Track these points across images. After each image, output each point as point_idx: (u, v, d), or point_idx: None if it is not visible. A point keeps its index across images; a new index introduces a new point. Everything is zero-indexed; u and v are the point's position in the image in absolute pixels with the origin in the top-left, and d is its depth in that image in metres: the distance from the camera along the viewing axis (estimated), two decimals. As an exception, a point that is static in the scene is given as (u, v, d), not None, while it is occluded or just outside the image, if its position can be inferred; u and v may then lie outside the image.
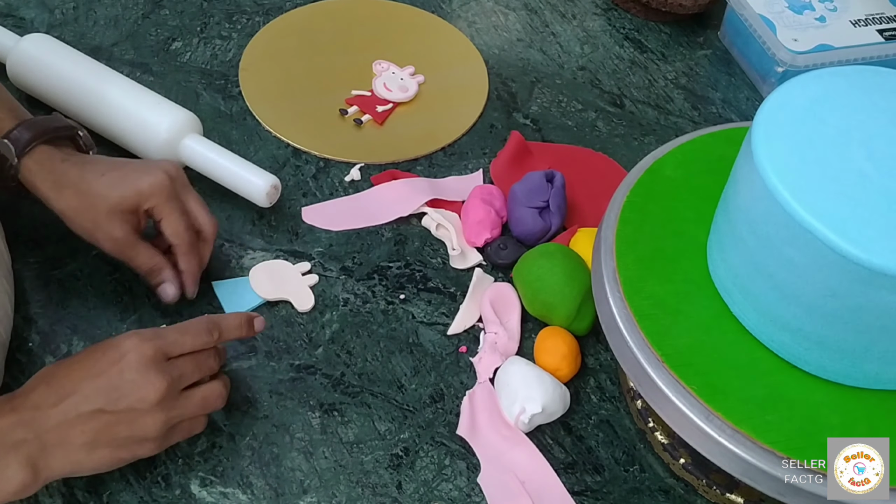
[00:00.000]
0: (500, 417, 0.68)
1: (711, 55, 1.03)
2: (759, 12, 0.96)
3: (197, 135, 0.81)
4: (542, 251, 0.75)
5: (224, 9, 1.00)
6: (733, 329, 0.62)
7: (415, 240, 0.80)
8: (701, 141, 0.73)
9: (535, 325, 0.75)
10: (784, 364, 0.61)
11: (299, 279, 0.75)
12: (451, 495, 0.65)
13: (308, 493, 0.64)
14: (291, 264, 0.76)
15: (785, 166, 0.55)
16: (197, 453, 0.65)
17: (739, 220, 0.59)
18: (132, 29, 0.96)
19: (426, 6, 1.03)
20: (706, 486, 0.66)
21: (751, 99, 0.98)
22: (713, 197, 0.66)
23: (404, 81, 0.93)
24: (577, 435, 0.69)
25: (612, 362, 0.74)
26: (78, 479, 0.63)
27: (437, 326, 0.74)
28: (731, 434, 0.57)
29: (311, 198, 0.82)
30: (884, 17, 0.98)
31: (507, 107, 0.94)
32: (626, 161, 0.88)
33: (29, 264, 0.74)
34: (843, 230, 0.52)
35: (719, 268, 0.64)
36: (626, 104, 0.95)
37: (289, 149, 0.86)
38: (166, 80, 0.90)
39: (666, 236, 0.67)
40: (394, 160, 0.87)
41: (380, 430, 0.68)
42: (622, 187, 0.70)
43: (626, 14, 1.06)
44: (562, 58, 1.00)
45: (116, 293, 0.73)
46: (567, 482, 0.66)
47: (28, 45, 0.84)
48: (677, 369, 0.59)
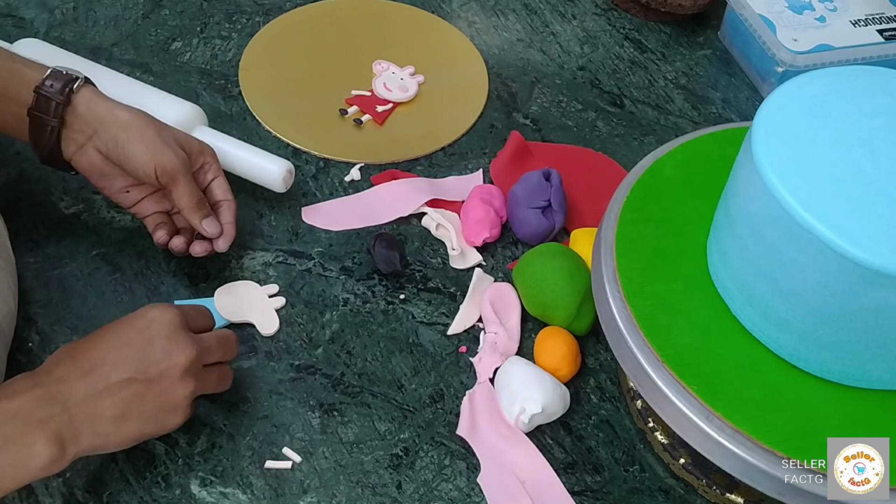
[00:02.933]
0: (500, 417, 0.68)
1: (711, 55, 1.03)
2: (759, 12, 0.96)
3: (205, 127, 0.81)
4: (542, 251, 0.75)
5: (224, 9, 1.00)
6: (733, 329, 0.62)
7: (415, 240, 0.80)
8: (701, 141, 0.73)
9: (535, 325, 0.75)
10: (784, 364, 0.61)
11: (265, 301, 0.74)
12: (451, 495, 0.65)
13: (308, 493, 0.64)
14: (259, 286, 0.75)
15: (785, 166, 0.55)
16: (197, 453, 0.65)
17: (739, 220, 0.59)
18: (132, 29, 0.96)
19: (426, 6, 1.03)
20: (706, 486, 0.66)
21: (751, 99, 0.98)
22: (713, 197, 0.66)
23: (404, 81, 0.93)
24: (577, 435, 0.69)
25: (612, 362, 0.74)
26: (78, 478, 0.63)
27: (437, 326, 0.74)
28: (731, 434, 0.57)
29: (311, 198, 0.82)
30: (884, 17, 0.98)
31: (507, 107, 0.94)
32: (626, 161, 0.88)
33: (29, 264, 0.74)
34: (843, 230, 0.52)
35: (719, 268, 0.64)
36: (626, 104, 0.95)
37: (289, 149, 0.86)
38: (166, 80, 0.90)
39: (666, 236, 0.67)
40: (394, 160, 0.87)
41: (380, 430, 0.68)
42: (622, 187, 0.70)
43: (626, 14, 1.06)
44: (562, 58, 1.00)
45: (116, 293, 0.73)
46: (567, 482, 0.66)
47: (21, 52, 0.83)
48: (677, 369, 0.59)
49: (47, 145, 0.68)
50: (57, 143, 0.69)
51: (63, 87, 0.67)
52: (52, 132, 0.68)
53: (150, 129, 0.68)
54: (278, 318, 0.73)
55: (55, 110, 0.67)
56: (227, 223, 0.73)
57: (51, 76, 0.67)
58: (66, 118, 0.68)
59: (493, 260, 0.80)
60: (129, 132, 0.68)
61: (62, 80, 0.67)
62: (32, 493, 0.62)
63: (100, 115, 0.68)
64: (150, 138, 0.68)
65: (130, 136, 0.68)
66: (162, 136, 0.69)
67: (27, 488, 0.62)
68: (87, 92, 0.68)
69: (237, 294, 0.74)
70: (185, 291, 0.74)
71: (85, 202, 0.79)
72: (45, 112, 0.67)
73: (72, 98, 0.67)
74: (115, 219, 0.78)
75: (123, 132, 0.68)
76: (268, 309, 0.73)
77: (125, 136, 0.68)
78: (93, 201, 0.79)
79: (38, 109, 0.67)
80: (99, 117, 0.68)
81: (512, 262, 0.79)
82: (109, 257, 0.75)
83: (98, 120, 0.68)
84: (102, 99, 0.69)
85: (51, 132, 0.68)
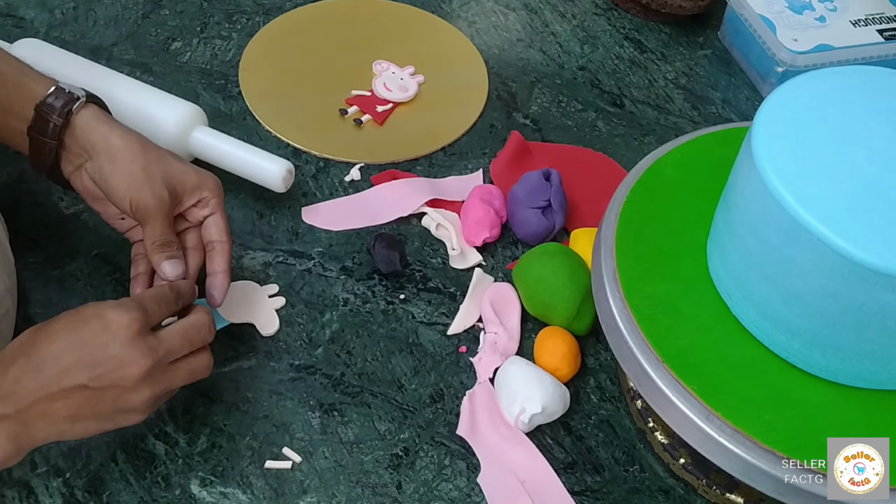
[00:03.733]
0: (500, 417, 0.68)
1: (711, 55, 1.03)
2: (759, 12, 0.96)
3: (205, 127, 0.81)
4: (542, 251, 0.75)
5: (224, 9, 1.00)
6: (733, 329, 0.62)
7: (415, 240, 0.80)
8: (701, 141, 0.73)
9: (535, 325, 0.75)
10: (784, 364, 0.61)
11: (266, 302, 0.74)
12: (451, 495, 0.65)
13: (308, 493, 0.64)
14: (259, 286, 0.75)
15: (785, 166, 0.55)
16: (197, 453, 0.65)
17: (739, 220, 0.59)
18: (132, 29, 0.96)
19: (426, 6, 1.03)
20: (706, 486, 0.66)
21: (751, 99, 0.98)
22: (713, 197, 0.66)
23: (404, 81, 0.93)
24: (577, 435, 0.69)
25: (612, 362, 0.74)
26: (78, 479, 0.63)
27: (437, 326, 0.74)
28: (731, 434, 0.57)
29: (311, 198, 0.82)
30: (884, 17, 0.98)
31: (507, 107, 0.94)
32: (626, 161, 0.88)
33: (29, 264, 0.74)
34: (843, 230, 0.52)
35: (719, 268, 0.64)
36: (626, 104, 0.95)
37: (289, 149, 0.86)
38: (166, 80, 0.90)
39: (666, 236, 0.67)
40: (394, 160, 0.87)
41: (380, 430, 0.68)
42: (622, 187, 0.70)
43: (626, 14, 1.06)
44: (562, 58, 1.00)
45: (116, 293, 0.73)
46: (567, 482, 0.66)
47: (21, 53, 0.83)
48: (677, 369, 0.59)
49: (46, 164, 0.67)
50: (56, 162, 0.67)
51: (63, 106, 0.65)
52: (51, 152, 0.66)
53: (136, 162, 0.65)
54: (278, 318, 0.73)
55: (52, 131, 0.65)
56: (220, 272, 0.68)
57: (53, 93, 0.65)
58: (65, 140, 0.66)
59: (493, 260, 0.80)
60: (115, 164, 0.65)
61: (63, 99, 0.65)
62: (32, 493, 0.62)
63: (93, 141, 0.66)
64: (133, 174, 0.65)
65: (114, 169, 0.65)
66: (148, 170, 0.65)
67: (27, 488, 0.62)
68: (86, 114, 0.66)
69: (237, 294, 0.73)
70: (185, 291, 0.74)
71: (85, 202, 0.79)
72: (42, 133, 0.65)
73: (70, 119, 0.65)
74: (115, 219, 0.78)
75: (109, 164, 0.65)
76: (268, 309, 0.73)
77: (110, 168, 0.65)
78: (93, 201, 0.79)
79: (35, 130, 0.66)
80: (92, 144, 0.66)
81: (512, 262, 0.79)
82: (109, 257, 0.75)
83: (91, 146, 0.66)
84: (100, 122, 0.66)
85: (49, 151, 0.66)
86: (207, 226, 0.69)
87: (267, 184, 0.79)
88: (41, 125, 0.65)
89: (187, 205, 0.68)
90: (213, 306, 0.68)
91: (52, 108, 0.65)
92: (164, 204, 0.65)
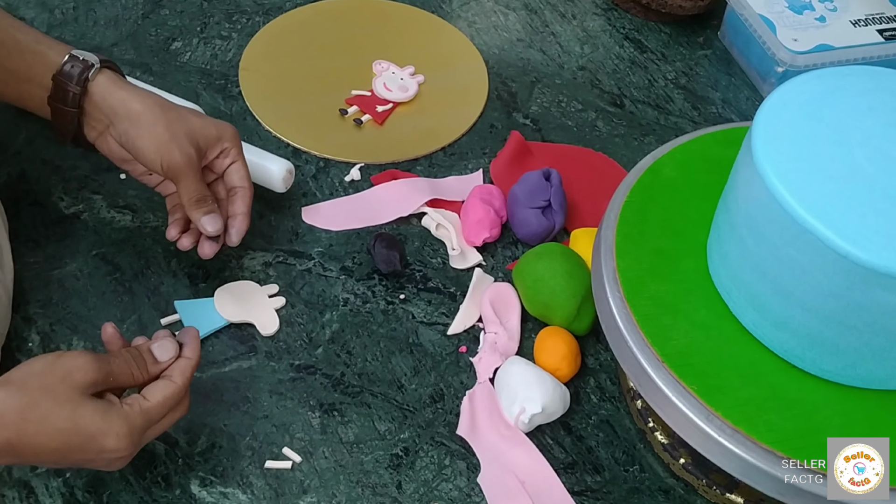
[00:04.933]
0: (500, 417, 0.68)
1: (711, 55, 1.03)
2: (759, 12, 0.96)
3: None
4: (542, 251, 0.75)
5: (224, 9, 1.00)
6: (733, 329, 0.62)
7: (415, 240, 0.80)
8: (701, 141, 0.73)
9: (535, 325, 0.75)
10: (784, 364, 0.61)
11: (265, 302, 0.74)
12: (451, 495, 0.65)
13: (308, 493, 0.64)
14: (259, 286, 0.75)
15: (785, 166, 0.55)
16: (197, 453, 0.65)
17: (739, 220, 0.59)
18: (132, 29, 0.96)
19: (426, 6, 1.03)
20: (706, 486, 0.66)
21: (751, 99, 0.98)
22: (713, 197, 0.66)
23: (404, 81, 0.93)
24: (577, 435, 0.69)
25: (612, 362, 0.74)
26: (78, 478, 0.63)
27: (437, 326, 0.74)
28: (731, 434, 0.57)
29: (310, 198, 0.82)
30: (884, 17, 0.98)
31: (507, 107, 0.94)
32: (626, 161, 0.88)
33: (29, 264, 0.74)
34: (843, 230, 0.52)
35: (719, 268, 0.64)
36: (626, 104, 0.95)
37: (289, 149, 0.86)
38: (166, 80, 0.90)
39: (666, 236, 0.67)
40: (394, 160, 0.87)
41: (380, 430, 0.68)
42: (622, 187, 0.70)
43: (626, 14, 1.06)
44: (562, 58, 1.00)
45: (116, 293, 0.73)
46: (567, 482, 0.66)
47: None
48: (677, 369, 0.59)
49: (70, 131, 0.69)
50: (80, 129, 0.70)
51: (80, 74, 0.67)
52: (73, 119, 0.69)
53: (159, 123, 0.67)
54: (278, 318, 0.73)
55: (72, 99, 0.67)
56: (240, 214, 0.71)
57: (69, 61, 0.67)
58: (85, 106, 0.68)
59: (493, 260, 0.80)
60: (139, 127, 0.67)
61: (79, 67, 0.67)
62: (32, 493, 0.62)
63: (113, 106, 0.68)
64: (158, 134, 0.67)
65: (139, 132, 0.67)
66: (171, 130, 0.67)
67: (27, 488, 0.62)
68: (102, 79, 0.68)
69: (237, 294, 0.74)
70: (186, 291, 0.74)
71: (85, 202, 0.79)
72: (63, 102, 0.68)
73: (88, 86, 0.68)
74: (115, 219, 0.78)
75: (133, 127, 0.67)
76: (268, 309, 0.73)
77: (135, 131, 0.67)
78: (93, 201, 0.79)
79: (55, 99, 0.68)
80: (113, 109, 0.68)
81: (512, 262, 0.79)
82: (109, 257, 0.75)
83: (112, 111, 0.68)
84: (117, 87, 0.68)
85: (71, 119, 0.69)
86: (230, 173, 0.72)
87: (267, 184, 0.79)
88: (61, 94, 0.68)
89: (211, 157, 0.71)
90: (231, 245, 0.72)
91: (69, 77, 0.67)
92: (192, 161, 0.68)
